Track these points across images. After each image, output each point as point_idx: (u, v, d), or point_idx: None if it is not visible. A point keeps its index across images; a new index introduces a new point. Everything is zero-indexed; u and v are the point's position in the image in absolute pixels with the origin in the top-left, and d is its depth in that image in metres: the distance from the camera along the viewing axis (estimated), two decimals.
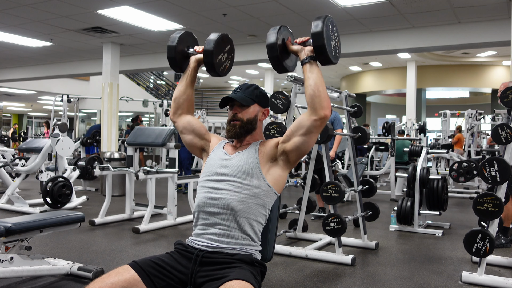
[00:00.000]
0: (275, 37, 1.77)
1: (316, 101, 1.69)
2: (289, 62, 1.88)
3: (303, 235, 4.33)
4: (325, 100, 1.70)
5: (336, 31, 1.81)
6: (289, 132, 1.77)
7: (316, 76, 1.72)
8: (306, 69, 1.74)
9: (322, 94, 1.69)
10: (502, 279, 3.04)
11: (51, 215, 2.93)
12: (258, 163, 1.77)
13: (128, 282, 1.57)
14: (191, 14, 6.28)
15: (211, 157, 1.89)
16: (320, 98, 1.69)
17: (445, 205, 4.92)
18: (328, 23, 1.73)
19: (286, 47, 1.82)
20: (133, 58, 9.57)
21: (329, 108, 1.71)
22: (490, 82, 15.53)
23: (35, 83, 14.24)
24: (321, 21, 1.71)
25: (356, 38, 7.22)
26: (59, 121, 6.92)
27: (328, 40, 1.72)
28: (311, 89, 1.70)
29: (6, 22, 6.99)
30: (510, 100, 3.25)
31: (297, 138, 1.74)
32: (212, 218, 1.74)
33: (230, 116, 1.86)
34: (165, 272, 1.65)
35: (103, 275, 1.60)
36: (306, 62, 1.75)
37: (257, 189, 1.75)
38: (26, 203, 5.71)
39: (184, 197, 6.40)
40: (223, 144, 1.92)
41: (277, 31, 1.78)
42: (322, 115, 1.69)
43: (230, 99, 1.85)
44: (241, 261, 1.67)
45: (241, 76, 17.89)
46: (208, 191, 1.78)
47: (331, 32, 1.75)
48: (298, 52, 1.79)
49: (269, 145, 1.82)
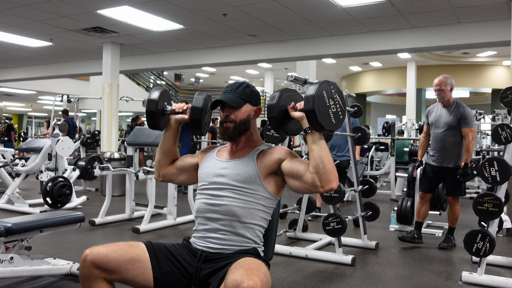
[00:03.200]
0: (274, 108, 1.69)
1: (321, 173, 1.60)
2: (293, 126, 1.81)
3: (303, 235, 4.33)
4: (330, 173, 1.60)
5: (336, 92, 1.67)
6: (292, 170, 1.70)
7: (319, 148, 1.63)
8: (309, 139, 1.66)
9: (327, 167, 1.60)
10: (502, 279, 3.04)
11: (51, 215, 2.93)
12: (258, 172, 1.74)
13: (137, 256, 1.64)
14: (191, 14, 6.27)
15: (204, 165, 1.86)
16: (325, 170, 1.60)
17: (445, 205, 4.91)
18: (322, 94, 1.62)
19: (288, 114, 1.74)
20: (133, 58, 9.57)
21: (336, 180, 1.61)
22: (490, 82, 15.52)
23: (35, 83, 14.23)
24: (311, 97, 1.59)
25: (356, 38, 7.22)
26: (59, 121, 6.91)
27: (324, 112, 1.61)
28: (315, 162, 1.62)
29: (6, 22, 6.99)
30: (510, 100, 3.25)
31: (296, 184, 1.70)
32: (212, 224, 1.73)
33: (222, 118, 1.82)
34: (173, 260, 1.69)
35: (118, 242, 1.68)
36: (308, 132, 1.67)
37: (258, 195, 1.74)
38: (26, 203, 5.71)
39: (184, 197, 6.40)
40: (216, 152, 1.89)
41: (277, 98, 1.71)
42: (327, 189, 1.62)
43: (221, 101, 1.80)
44: (245, 254, 1.68)
45: (241, 76, 17.90)
46: (208, 198, 1.76)
47: (327, 100, 1.64)
48: (299, 120, 1.71)
49: (270, 159, 1.76)
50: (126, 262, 1.61)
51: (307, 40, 7.55)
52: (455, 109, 3.94)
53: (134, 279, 1.63)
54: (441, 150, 3.98)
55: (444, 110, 4.00)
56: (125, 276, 1.61)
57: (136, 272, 1.62)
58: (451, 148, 3.93)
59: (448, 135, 3.94)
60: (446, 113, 3.97)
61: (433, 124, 4.07)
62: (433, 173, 4.08)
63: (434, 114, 4.09)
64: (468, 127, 3.88)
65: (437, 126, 4.03)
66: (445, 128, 3.95)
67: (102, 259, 1.58)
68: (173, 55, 8.99)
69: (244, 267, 1.47)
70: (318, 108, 1.59)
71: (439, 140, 3.99)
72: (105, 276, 1.60)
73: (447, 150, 3.95)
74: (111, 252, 1.61)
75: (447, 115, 3.95)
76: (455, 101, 4.00)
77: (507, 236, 4.62)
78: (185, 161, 1.96)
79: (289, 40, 7.66)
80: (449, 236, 4.13)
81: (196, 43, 8.09)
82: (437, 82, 3.97)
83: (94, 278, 1.59)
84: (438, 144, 4.00)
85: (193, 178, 1.95)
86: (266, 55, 7.99)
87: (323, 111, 1.61)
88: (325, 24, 6.73)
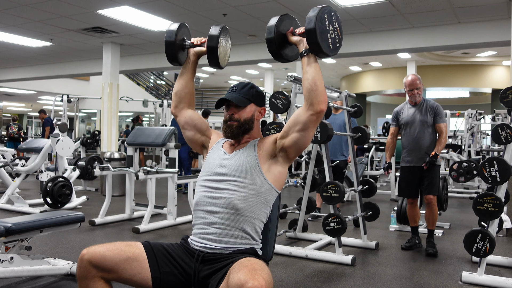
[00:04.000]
0: (273, 30, 1.74)
1: (313, 95, 1.68)
2: (290, 52, 1.85)
3: (303, 235, 4.33)
4: (322, 95, 1.69)
5: (335, 20, 1.75)
6: (287, 128, 1.76)
7: (313, 70, 1.70)
8: (304, 62, 1.73)
9: (319, 89, 1.68)
10: (502, 279, 3.04)
11: (51, 215, 2.93)
12: (258, 162, 1.76)
13: (134, 256, 1.64)
14: (191, 14, 6.28)
15: (210, 155, 1.88)
16: (317, 92, 1.68)
17: (445, 205, 4.92)
18: (323, 16, 1.69)
19: (286, 38, 1.79)
20: (133, 58, 9.57)
21: (325, 102, 1.70)
22: (490, 82, 15.52)
23: (35, 83, 14.24)
24: (314, 17, 1.66)
25: (356, 38, 7.22)
26: (59, 121, 6.91)
27: (323, 34, 1.68)
28: (308, 83, 1.69)
29: (6, 22, 6.99)
30: (510, 100, 3.25)
31: (295, 134, 1.73)
32: (211, 217, 1.73)
33: (226, 117, 1.84)
34: (172, 260, 1.69)
35: (116, 242, 1.69)
36: (304, 55, 1.73)
37: (258, 187, 1.74)
38: (26, 203, 5.70)
39: (184, 197, 6.40)
40: (222, 142, 1.91)
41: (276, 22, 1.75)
42: (318, 110, 1.69)
43: (226, 100, 1.83)
44: (244, 254, 1.68)
45: (241, 76, 17.89)
46: (208, 190, 1.77)
47: (327, 24, 1.71)
48: (297, 44, 1.77)
49: (268, 142, 1.81)
50: (123, 261, 1.61)
51: None
52: (428, 107, 3.90)
53: (131, 278, 1.63)
54: (417, 150, 3.90)
55: (415, 109, 3.94)
56: (122, 275, 1.62)
57: (133, 272, 1.62)
58: (427, 146, 3.87)
59: (425, 134, 3.89)
60: (419, 112, 3.92)
61: (407, 124, 3.97)
62: (412, 176, 3.95)
63: (405, 114, 4.00)
64: (443, 122, 3.89)
65: (412, 125, 3.94)
66: (421, 127, 3.89)
67: (98, 258, 1.59)
68: None
69: (248, 267, 1.46)
70: (319, 28, 1.65)
71: (415, 139, 3.90)
72: (102, 275, 1.60)
73: (424, 149, 3.87)
74: (107, 251, 1.61)
75: (421, 113, 3.90)
76: (424, 99, 3.97)
77: (507, 236, 4.62)
78: (200, 123, 1.97)
79: None
80: (431, 240, 3.94)
81: None
82: (411, 81, 3.90)
83: (91, 277, 1.60)
84: (414, 143, 3.91)
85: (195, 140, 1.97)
86: (266, 55, 7.97)
87: (323, 33, 1.67)
88: None
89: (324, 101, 1.69)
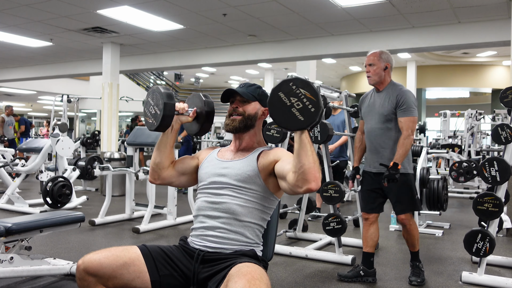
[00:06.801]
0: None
1: (299, 174, 1.49)
2: None
3: (303, 235, 4.33)
4: (309, 173, 1.47)
5: (298, 87, 1.46)
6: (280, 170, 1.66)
7: (298, 146, 1.48)
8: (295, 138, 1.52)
9: (305, 167, 1.47)
10: (502, 279, 3.04)
11: (51, 215, 2.93)
12: (258, 173, 1.74)
13: (131, 260, 1.63)
14: (191, 14, 6.27)
15: (205, 165, 1.85)
16: (303, 171, 1.48)
17: (445, 205, 4.92)
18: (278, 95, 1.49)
19: None
20: (133, 58, 9.57)
21: (315, 181, 1.48)
22: (490, 82, 15.52)
23: (35, 83, 14.23)
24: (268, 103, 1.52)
25: (356, 38, 7.22)
26: (59, 121, 6.91)
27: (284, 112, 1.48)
28: (294, 161, 1.51)
29: (6, 22, 6.99)
30: (510, 100, 3.25)
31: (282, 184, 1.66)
32: (211, 221, 1.73)
33: (230, 110, 1.84)
34: (171, 263, 1.69)
35: (111, 247, 1.67)
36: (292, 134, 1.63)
37: (258, 194, 1.74)
38: (26, 203, 5.71)
39: (184, 197, 6.40)
40: (216, 152, 1.89)
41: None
42: (305, 189, 1.51)
43: (232, 94, 1.84)
44: (243, 255, 1.67)
45: (241, 76, 17.89)
46: (208, 196, 1.77)
47: (285, 99, 1.48)
48: None
49: (267, 160, 1.74)
50: (120, 267, 1.60)
51: (307, 40, 7.55)
52: (390, 94, 2.94)
53: (130, 283, 1.61)
54: (377, 151, 3.01)
55: (378, 96, 3.01)
56: (121, 281, 1.60)
57: (131, 276, 1.61)
58: (391, 148, 2.95)
59: (385, 130, 2.96)
60: (379, 100, 2.98)
61: (366, 117, 3.09)
62: (373, 183, 3.05)
63: (367, 103, 3.11)
64: (405, 116, 2.87)
65: (370, 118, 3.04)
66: (380, 120, 2.97)
67: (95, 267, 1.57)
68: (173, 55, 9.00)
69: (247, 276, 1.44)
70: (275, 114, 1.51)
71: (373, 137, 3.02)
72: (101, 282, 1.59)
73: (385, 150, 2.97)
74: (103, 258, 1.59)
75: (382, 102, 2.96)
76: (394, 84, 2.99)
77: (507, 236, 4.62)
78: (185, 163, 1.91)
79: (289, 40, 7.66)
80: (416, 263, 3.11)
81: (196, 43, 8.08)
82: (368, 56, 2.99)
83: (93, 286, 1.59)
84: (373, 142, 3.03)
85: (193, 180, 1.92)
86: (266, 55, 8.00)
87: (284, 114, 1.48)
88: (325, 24, 6.73)
89: (313, 180, 1.47)
